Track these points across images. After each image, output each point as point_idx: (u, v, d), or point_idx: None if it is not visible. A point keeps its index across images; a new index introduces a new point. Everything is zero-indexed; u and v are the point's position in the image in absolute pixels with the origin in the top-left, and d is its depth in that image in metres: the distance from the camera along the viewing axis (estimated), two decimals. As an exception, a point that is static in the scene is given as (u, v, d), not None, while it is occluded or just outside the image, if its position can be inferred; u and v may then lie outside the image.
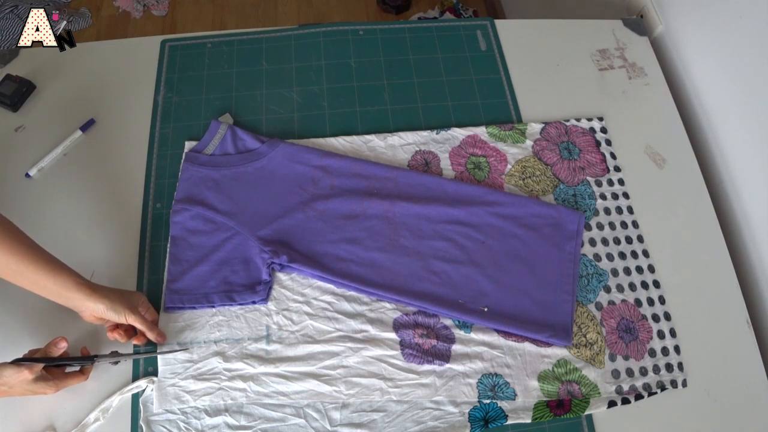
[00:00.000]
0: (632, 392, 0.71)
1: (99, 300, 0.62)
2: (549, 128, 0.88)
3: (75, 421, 0.65)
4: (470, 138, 0.87)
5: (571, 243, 0.78)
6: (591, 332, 0.74)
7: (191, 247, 0.75)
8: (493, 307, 0.73)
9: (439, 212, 0.78)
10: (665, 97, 0.93)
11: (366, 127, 0.88)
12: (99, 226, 0.78)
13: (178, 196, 0.78)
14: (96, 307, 0.62)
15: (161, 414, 0.66)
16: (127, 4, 1.89)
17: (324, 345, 0.71)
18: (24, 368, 0.59)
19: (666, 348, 0.74)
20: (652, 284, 0.78)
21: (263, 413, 0.67)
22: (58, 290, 0.61)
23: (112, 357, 0.67)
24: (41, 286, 0.61)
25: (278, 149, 0.82)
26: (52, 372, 0.63)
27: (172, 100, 0.88)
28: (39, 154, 0.82)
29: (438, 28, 0.98)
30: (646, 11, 1.02)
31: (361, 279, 0.73)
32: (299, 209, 0.78)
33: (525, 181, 0.84)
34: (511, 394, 0.69)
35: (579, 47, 0.98)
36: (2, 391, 0.59)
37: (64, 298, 0.62)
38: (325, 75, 0.92)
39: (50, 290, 0.61)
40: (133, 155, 0.83)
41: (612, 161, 0.87)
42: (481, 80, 0.93)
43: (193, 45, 0.94)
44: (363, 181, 0.81)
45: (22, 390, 0.60)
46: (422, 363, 0.70)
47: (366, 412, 0.68)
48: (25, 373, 0.59)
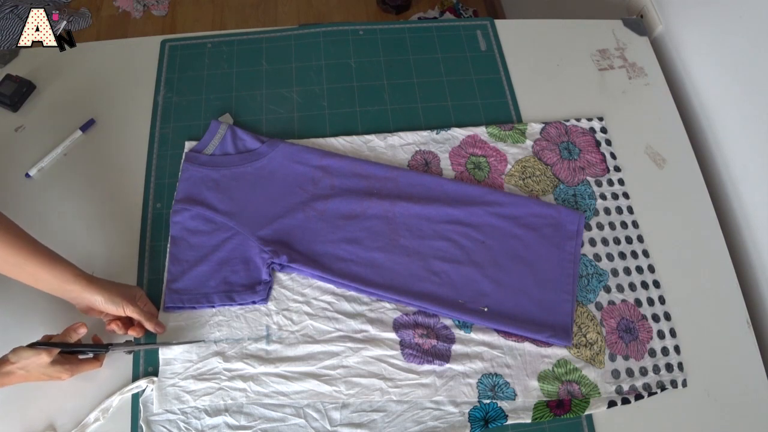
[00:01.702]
0: (632, 392, 0.71)
1: (97, 292, 0.63)
2: (549, 128, 0.88)
3: (75, 421, 0.65)
4: (470, 138, 0.87)
5: (571, 243, 0.78)
6: (591, 332, 0.74)
7: (191, 247, 0.75)
8: (493, 307, 0.73)
9: (439, 212, 0.78)
10: (665, 97, 0.93)
11: (366, 127, 0.88)
12: (99, 226, 0.78)
13: (178, 196, 0.78)
14: (94, 298, 0.63)
15: (161, 414, 0.66)
16: (127, 4, 1.89)
17: (324, 345, 0.71)
18: (42, 351, 0.60)
19: (666, 348, 0.74)
20: (652, 284, 0.78)
21: (263, 413, 0.67)
22: (56, 283, 0.62)
23: (126, 346, 0.68)
24: (39, 278, 0.61)
25: (278, 149, 0.82)
26: (67, 358, 0.63)
27: (172, 100, 0.88)
28: (39, 154, 0.82)
29: (438, 28, 0.98)
30: (646, 11, 1.02)
31: (361, 279, 0.73)
32: (299, 209, 0.78)
33: (525, 181, 0.84)
34: (511, 394, 0.69)
35: (579, 47, 0.98)
36: (20, 375, 0.60)
37: (62, 291, 0.63)
38: (325, 75, 0.92)
39: (48, 283, 0.62)
40: (133, 155, 0.83)
41: (612, 161, 0.87)
42: (481, 80, 0.93)
43: (193, 45, 0.94)
44: (363, 181, 0.81)
45: (38, 374, 0.61)
46: (422, 363, 0.70)
47: (366, 412, 0.68)
48: (42, 356, 0.60)
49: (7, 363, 0.59)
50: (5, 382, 0.60)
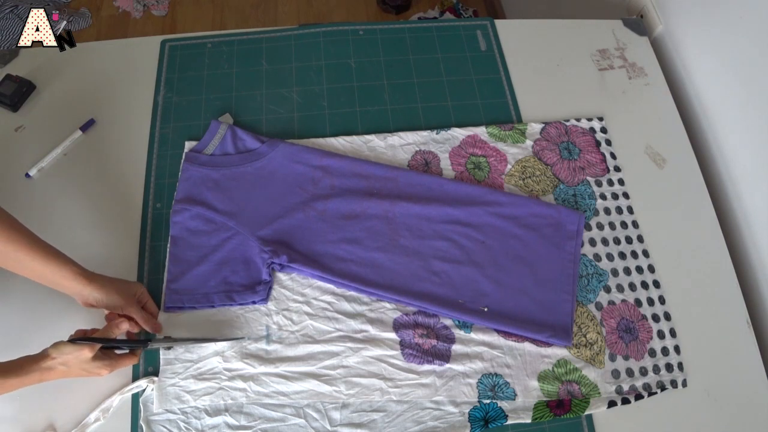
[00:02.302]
0: (632, 392, 0.71)
1: (96, 289, 0.63)
2: (549, 128, 0.88)
3: (75, 421, 0.65)
4: (470, 138, 0.87)
5: (571, 243, 0.78)
6: (591, 332, 0.74)
7: (191, 247, 0.75)
8: (493, 307, 0.73)
9: (439, 212, 0.78)
10: (665, 97, 0.93)
11: (366, 127, 0.88)
12: (99, 226, 0.78)
13: (178, 196, 0.78)
14: (92, 296, 0.63)
15: (161, 414, 0.66)
16: (127, 4, 1.89)
17: (324, 345, 0.71)
18: (85, 346, 0.59)
19: (666, 348, 0.74)
20: (652, 284, 0.78)
21: (263, 413, 0.67)
22: (56, 279, 0.62)
23: (165, 342, 0.68)
24: (39, 274, 0.62)
25: (278, 149, 0.82)
26: (106, 353, 0.63)
27: (172, 100, 0.88)
28: (39, 154, 0.82)
29: (438, 28, 0.98)
30: (646, 11, 1.02)
31: (361, 279, 0.73)
32: (299, 209, 0.78)
33: (525, 181, 0.84)
34: (511, 394, 0.69)
35: (579, 47, 0.98)
36: (60, 371, 0.59)
37: (61, 287, 0.63)
38: (325, 75, 0.92)
39: (48, 279, 0.62)
40: (133, 155, 0.83)
41: (612, 161, 0.87)
42: (481, 80, 0.93)
43: (193, 45, 0.94)
44: (363, 181, 0.81)
45: (78, 370, 0.60)
46: (422, 363, 0.70)
47: (366, 412, 0.68)
48: (85, 351, 0.59)
49: (48, 358, 0.58)
50: (45, 378, 0.59)
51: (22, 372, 0.57)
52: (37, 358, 0.58)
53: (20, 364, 0.58)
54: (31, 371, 0.57)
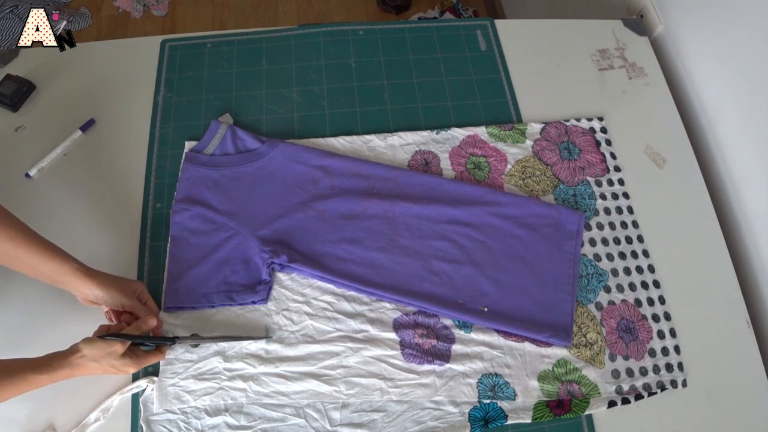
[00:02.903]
0: (632, 392, 0.71)
1: (95, 285, 0.63)
2: (549, 128, 0.88)
3: (75, 421, 0.65)
4: (470, 138, 0.87)
5: (571, 243, 0.78)
6: (591, 332, 0.74)
7: (191, 247, 0.75)
8: (493, 307, 0.73)
9: (439, 212, 0.78)
10: (665, 97, 0.93)
11: (366, 127, 0.88)
12: (99, 226, 0.78)
13: (178, 196, 0.78)
14: (92, 292, 0.63)
15: (161, 414, 0.66)
16: (127, 4, 1.89)
17: (324, 345, 0.71)
18: (116, 342, 0.59)
19: (666, 348, 0.74)
20: (652, 284, 0.78)
21: (263, 413, 0.67)
22: (55, 275, 0.62)
23: (192, 339, 0.68)
24: (38, 271, 0.62)
25: (278, 149, 0.82)
26: (133, 350, 0.63)
27: (172, 100, 0.88)
28: (39, 154, 0.82)
29: (438, 28, 0.98)
30: (646, 11, 1.02)
31: (361, 279, 0.73)
32: (299, 209, 0.78)
33: (525, 181, 0.84)
34: (511, 394, 0.69)
35: (579, 47, 0.98)
36: (89, 367, 0.59)
37: (60, 283, 0.63)
38: (325, 75, 0.92)
39: (47, 275, 0.62)
40: (133, 155, 0.83)
41: (612, 161, 0.87)
42: (481, 80, 0.93)
43: (193, 45, 0.94)
44: (363, 181, 0.81)
45: (106, 366, 0.60)
46: (422, 363, 0.70)
47: (366, 412, 0.68)
48: (117, 346, 0.59)
49: (78, 354, 0.58)
50: (74, 374, 0.59)
51: (50, 369, 0.57)
52: (67, 354, 0.58)
53: (49, 360, 0.57)
54: (61, 367, 0.57)
